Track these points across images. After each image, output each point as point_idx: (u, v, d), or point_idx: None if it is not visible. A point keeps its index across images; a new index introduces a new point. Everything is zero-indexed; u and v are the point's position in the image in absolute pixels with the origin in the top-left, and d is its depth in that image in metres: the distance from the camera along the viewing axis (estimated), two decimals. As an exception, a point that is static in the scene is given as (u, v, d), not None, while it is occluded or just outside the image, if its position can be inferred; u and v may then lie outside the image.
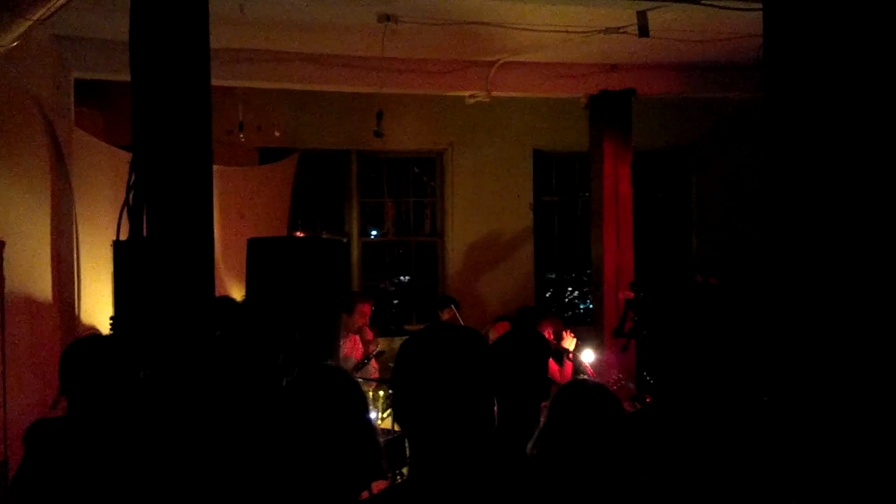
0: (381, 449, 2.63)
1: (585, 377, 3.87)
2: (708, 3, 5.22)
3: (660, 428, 3.10)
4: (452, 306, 9.08)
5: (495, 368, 2.22)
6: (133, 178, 4.43)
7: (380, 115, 6.54)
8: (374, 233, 9.91)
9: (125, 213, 4.49)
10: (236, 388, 3.48)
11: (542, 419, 2.99)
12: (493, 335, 8.06)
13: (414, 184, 9.88)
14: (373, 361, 6.86)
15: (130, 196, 4.44)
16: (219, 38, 5.09)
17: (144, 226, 4.51)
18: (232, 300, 5.87)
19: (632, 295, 8.33)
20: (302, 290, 4.48)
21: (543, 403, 3.47)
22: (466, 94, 7.87)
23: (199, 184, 4.77)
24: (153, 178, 4.63)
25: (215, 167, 6.51)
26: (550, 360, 6.96)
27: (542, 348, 3.49)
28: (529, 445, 2.87)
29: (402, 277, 10.09)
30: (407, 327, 9.50)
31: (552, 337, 7.36)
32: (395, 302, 10.03)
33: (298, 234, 9.46)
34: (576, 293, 10.56)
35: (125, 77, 4.95)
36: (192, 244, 4.36)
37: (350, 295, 7.70)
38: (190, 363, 3.47)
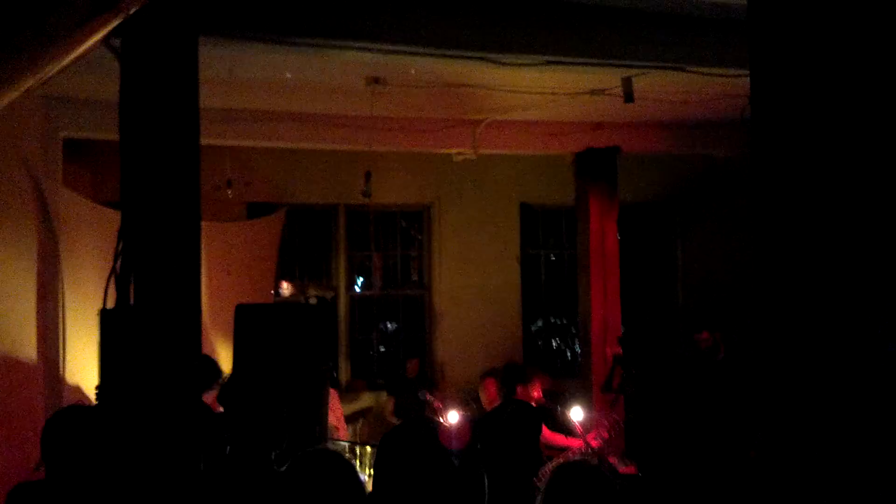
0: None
1: (581, 457, 3.86)
2: (692, 70, 5.30)
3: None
4: (418, 358, 9.15)
5: (483, 446, 2.21)
6: (120, 245, 4.43)
7: (368, 176, 6.57)
8: (361, 285, 9.90)
9: (112, 280, 4.49)
10: (228, 470, 3.45)
11: (537, 498, 2.97)
12: (481, 392, 8.03)
13: (401, 237, 9.91)
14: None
15: (118, 264, 4.44)
16: (208, 97, 5.13)
17: (132, 293, 4.52)
18: (211, 361, 5.80)
19: (620, 350, 8.35)
20: (290, 358, 4.47)
21: (535, 479, 3.47)
22: (454, 151, 7.93)
23: (188, 252, 4.77)
24: (141, 245, 4.62)
25: (203, 223, 6.52)
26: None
27: (532, 423, 3.49)
28: None
29: (389, 330, 10.07)
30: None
31: (541, 395, 7.36)
32: (383, 351, 10.00)
33: (285, 283, 9.44)
34: (564, 343, 10.56)
35: (114, 136, 4.98)
36: (180, 315, 4.35)
37: None
38: (178, 439, 3.45)
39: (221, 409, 4.00)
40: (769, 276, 2.81)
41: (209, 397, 5.22)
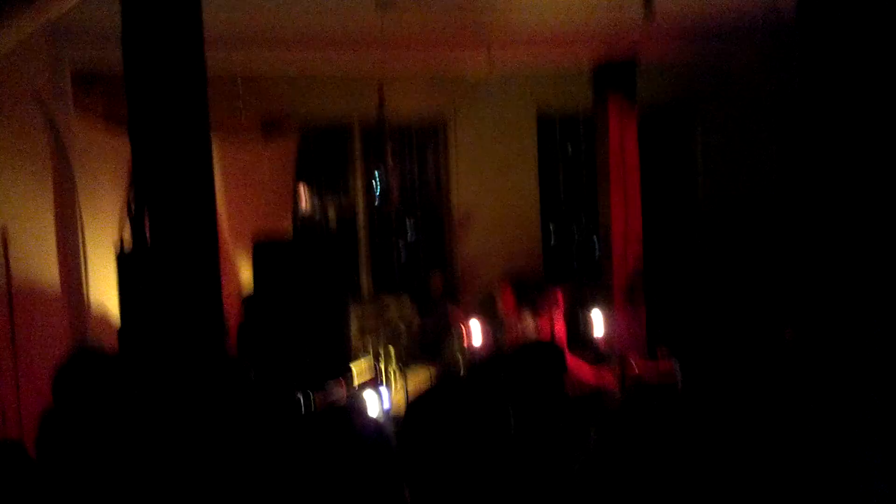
0: (402, 483, 2.65)
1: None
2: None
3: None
4: (439, 271, 9.18)
5: (511, 382, 2.23)
6: (133, 190, 4.42)
7: (381, 103, 6.47)
8: (379, 199, 9.87)
9: (127, 221, 4.50)
10: (253, 413, 3.51)
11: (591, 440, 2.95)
12: (498, 297, 8.10)
13: (418, 149, 9.83)
14: None
15: (132, 206, 4.44)
16: (213, 26, 5.02)
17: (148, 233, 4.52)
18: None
19: (641, 259, 8.37)
20: (310, 294, 4.49)
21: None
22: (468, 69, 7.77)
23: (200, 184, 4.74)
24: (153, 182, 4.61)
25: (217, 141, 6.48)
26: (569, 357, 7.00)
27: (557, 362, 3.50)
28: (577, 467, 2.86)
29: (409, 240, 10.13)
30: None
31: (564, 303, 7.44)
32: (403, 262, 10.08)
33: (302, 185, 9.43)
34: (585, 248, 10.53)
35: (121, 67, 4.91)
36: (198, 251, 4.35)
37: None
38: (198, 386, 3.50)
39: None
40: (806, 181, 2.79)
41: None
